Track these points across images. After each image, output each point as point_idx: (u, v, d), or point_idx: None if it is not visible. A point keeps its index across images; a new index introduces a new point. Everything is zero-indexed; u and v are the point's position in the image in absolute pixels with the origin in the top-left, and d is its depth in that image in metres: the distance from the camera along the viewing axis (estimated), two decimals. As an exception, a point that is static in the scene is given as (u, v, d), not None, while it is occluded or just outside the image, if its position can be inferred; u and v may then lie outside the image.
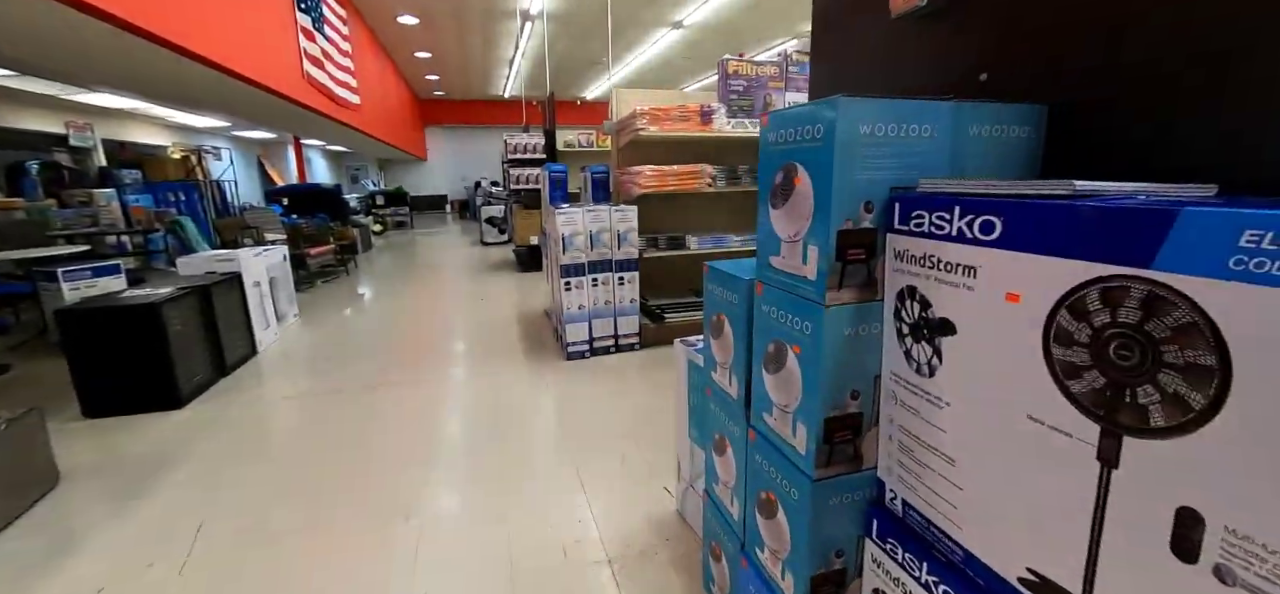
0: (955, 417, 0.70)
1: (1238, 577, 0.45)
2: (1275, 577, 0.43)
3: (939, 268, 0.70)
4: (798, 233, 0.84)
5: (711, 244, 3.70)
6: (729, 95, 3.47)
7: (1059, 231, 0.55)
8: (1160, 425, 0.49)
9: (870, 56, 1.24)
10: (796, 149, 0.82)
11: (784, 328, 0.89)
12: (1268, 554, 0.43)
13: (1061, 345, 0.56)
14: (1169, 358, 0.48)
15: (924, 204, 0.72)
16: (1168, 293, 0.47)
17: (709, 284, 1.17)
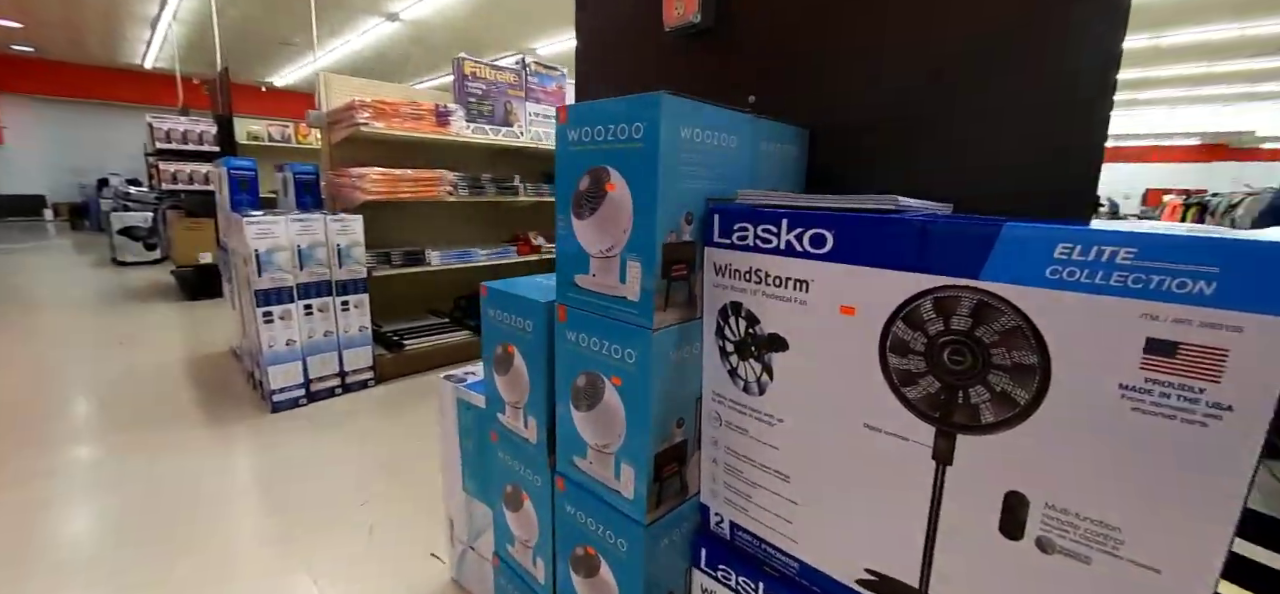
0: (789, 432, 0.67)
1: (1057, 545, 0.49)
2: (1087, 539, 0.48)
3: (767, 282, 0.66)
4: (612, 247, 0.71)
5: (456, 259, 3.34)
6: (467, 98, 3.18)
7: (892, 246, 0.55)
8: (990, 421, 0.51)
9: (642, 68, 1.20)
10: (610, 151, 0.69)
11: (599, 357, 0.75)
12: (1080, 521, 0.48)
13: (898, 354, 0.56)
14: (997, 359, 0.50)
15: (747, 217, 0.66)
16: (995, 300, 0.49)
17: (490, 309, 0.95)
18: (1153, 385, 0.43)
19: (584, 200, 0.73)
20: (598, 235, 0.72)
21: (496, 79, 3.41)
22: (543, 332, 0.84)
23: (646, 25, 1.15)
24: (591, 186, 0.72)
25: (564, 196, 0.76)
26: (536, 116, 3.85)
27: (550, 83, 3.92)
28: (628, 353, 0.71)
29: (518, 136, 3.67)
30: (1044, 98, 0.71)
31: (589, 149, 0.71)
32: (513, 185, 3.67)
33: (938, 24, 0.79)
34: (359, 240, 2.81)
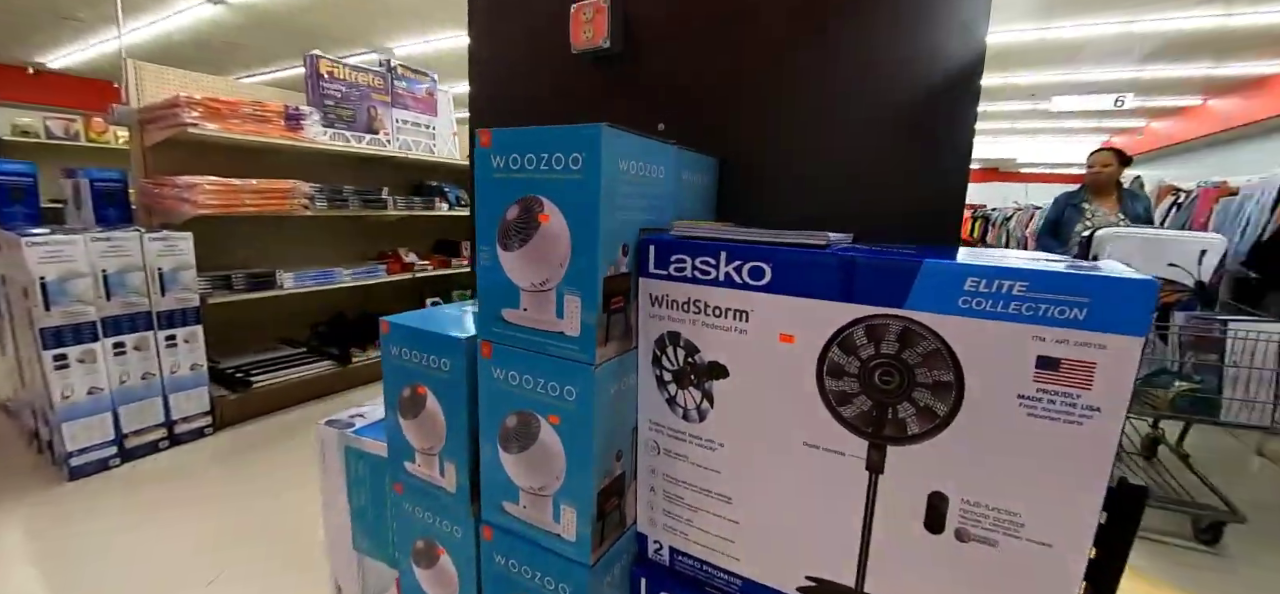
0: (730, 456, 0.69)
1: (971, 534, 0.56)
2: (995, 526, 0.55)
3: (706, 313, 0.67)
4: (547, 281, 0.67)
5: (315, 280, 2.95)
6: (323, 100, 2.83)
7: (827, 278, 0.59)
8: (915, 433, 0.57)
9: (544, 90, 1.15)
10: (545, 181, 0.65)
11: (532, 396, 0.70)
12: (989, 511, 0.55)
13: (833, 377, 0.60)
14: (920, 378, 0.56)
15: (685, 249, 0.67)
16: (918, 326, 0.55)
17: (393, 347, 0.84)
18: (1042, 394, 0.51)
19: (513, 231, 0.68)
20: (530, 268, 0.68)
21: (358, 81, 3.09)
22: (463, 371, 0.76)
23: (550, 46, 1.11)
24: (521, 217, 0.67)
25: (488, 226, 0.70)
26: (405, 124, 3.56)
27: (419, 88, 3.66)
28: (567, 390, 0.67)
29: (385, 145, 3.36)
30: (922, 143, 0.82)
31: (517, 177, 0.67)
32: (380, 198, 3.35)
33: (831, 70, 0.87)
34: (189, 262, 2.36)
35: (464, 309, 0.94)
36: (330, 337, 3.43)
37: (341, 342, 3.35)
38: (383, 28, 6.85)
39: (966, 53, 0.78)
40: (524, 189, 0.66)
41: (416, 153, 3.70)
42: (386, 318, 0.85)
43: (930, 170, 0.82)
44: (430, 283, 4.15)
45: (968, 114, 0.79)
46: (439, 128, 4.02)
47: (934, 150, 0.81)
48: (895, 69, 0.82)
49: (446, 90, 4.31)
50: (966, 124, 0.79)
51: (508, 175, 0.67)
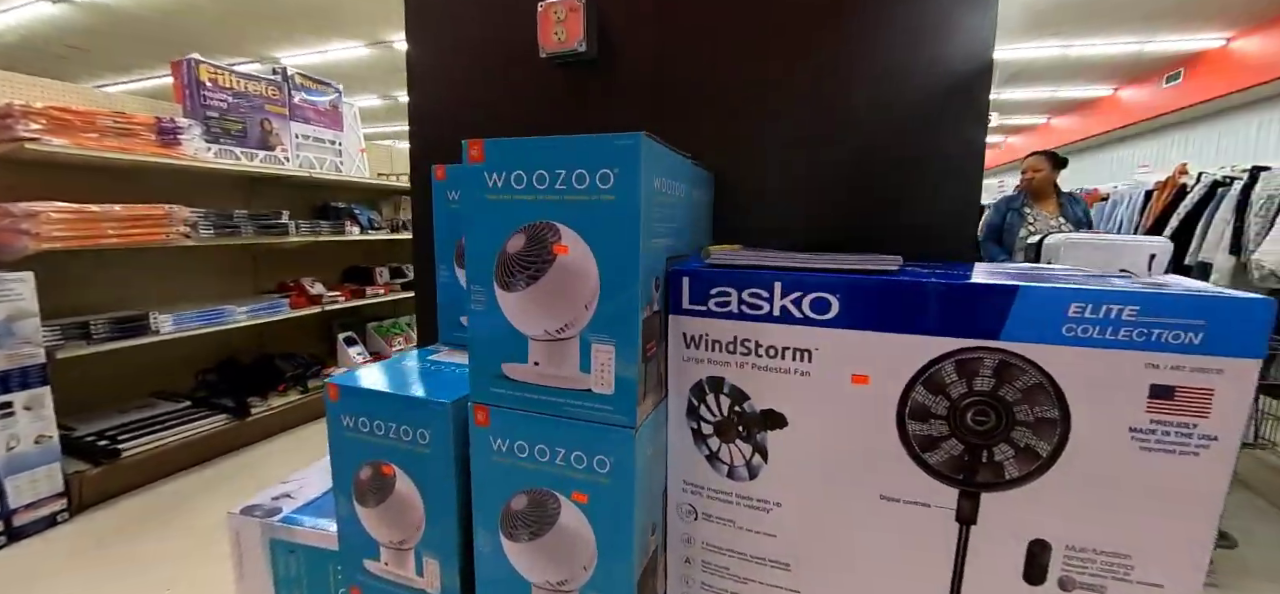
0: (789, 516, 0.58)
1: (1076, 582, 0.50)
2: (1102, 571, 0.49)
3: (758, 353, 0.56)
4: (566, 327, 0.53)
5: (200, 320, 2.50)
6: (206, 111, 2.42)
7: (908, 310, 0.50)
8: (1014, 476, 0.50)
9: (505, 98, 1.00)
10: (561, 204, 0.51)
11: (550, 471, 0.56)
12: (1097, 555, 0.49)
13: (918, 420, 0.52)
14: (1020, 416, 0.49)
15: (729, 280, 0.56)
16: (1017, 359, 0.48)
17: (345, 416, 0.65)
18: (1156, 426, 0.46)
19: (517, 267, 0.53)
20: (543, 312, 0.53)
21: (248, 90, 2.68)
22: (448, 443, 0.60)
23: (509, 50, 0.97)
24: (530, 249, 0.53)
25: (481, 262, 0.55)
26: (306, 139, 3.17)
27: (322, 100, 3.28)
28: (598, 460, 0.53)
29: (283, 163, 2.96)
30: (935, 153, 0.78)
31: (523, 200, 0.52)
32: (279, 222, 2.94)
33: (833, 77, 0.81)
34: (28, 309, 1.89)
35: (431, 360, 0.76)
36: (222, 386, 2.92)
37: (236, 391, 2.86)
38: (268, 35, 6.13)
39: (975, 58, 0.75)
40: (532, 214, 0.52)
41: (321, 171, 3.30)
42: (334, 380, 0.66)
43: (943, 181, 0.78)
44: (341, 316, 3.71)
45: (979, 119, 0.75)
46: (346, 144, 3.62)
47: (946, 159, 0.77)
48: (905, 72, 0.78)
49: (352, 103, 3.91)
50: (978, 130, 0.75)
51: (510, 197, 0.53)
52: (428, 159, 0.98)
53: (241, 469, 2.56)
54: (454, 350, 0.81)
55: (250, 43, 6.27)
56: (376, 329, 3.82)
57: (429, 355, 0.78)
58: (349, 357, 3.46)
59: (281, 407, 2.94)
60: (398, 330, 3.94)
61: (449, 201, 0.82)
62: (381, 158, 4.60)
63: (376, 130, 10.24)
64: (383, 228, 3.87)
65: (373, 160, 4.33)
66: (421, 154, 1.06)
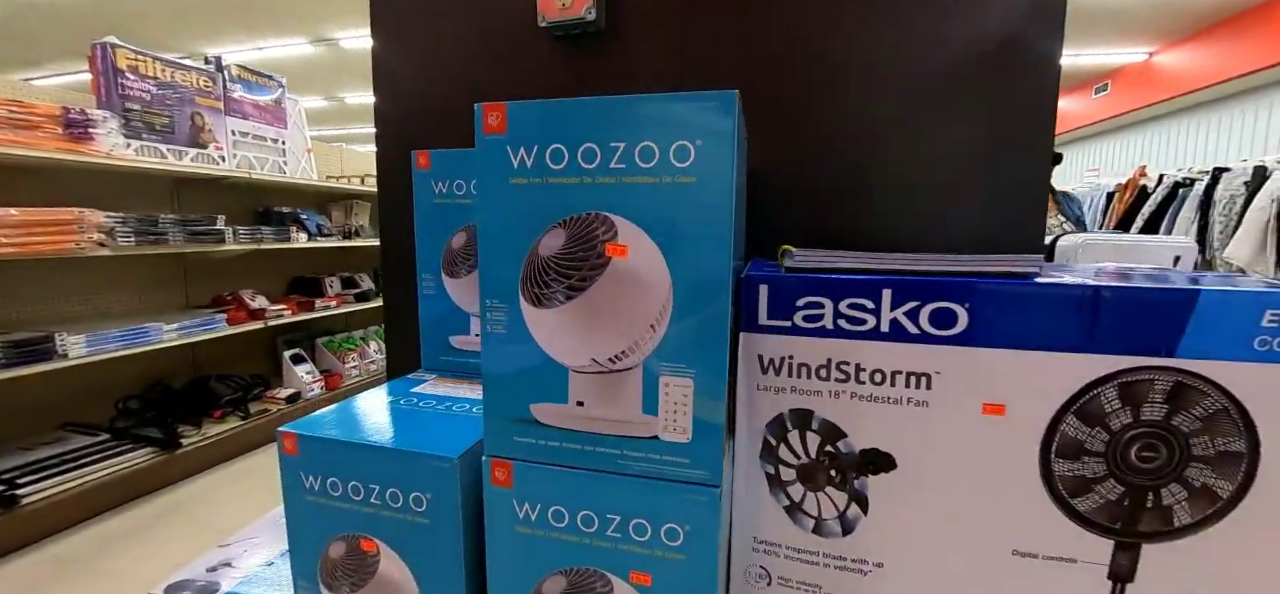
0: (892, 582, 0.47)
1: (1250, 655, 0.41)
2: (1285, 643, 0.40)
3: (859, 379, 0.44)
4: (624, 353, 0.39)
5: (120, 341, 2.19)
6: (125, 103, 2.11)
7: (1056, 322, 0.40)
8: (1185, 523, 0.40)
9: (492, 74, 0.85)
10: (615, 189, 0.38)
11: (601, 546, 0.42)
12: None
13: (1067, 459, 0.41)
14: (1197, 450, 0.39)
15: (821, 288, 0.44)
16: (1195, 381, 0.38)
17: (307, 474, 0.49)
18: (1368, 459, 0.37)
19: (554, 275, 0.40)
20: (590, 335, 0.40)
21: (176, 80, 2.38)
22: (454, 509, 0.45)
23: (499, 18, 0.82)
24: (571, 250, 0.39)
25: (500, 268, 0.41)
26: (245, 137, 2.86)
27: (264, 95, 2.98)
28: (669, 530, 0.40)
29: (218, 162, 2.66)
30: (996, 133, 0.69)
31: (564, 185, 0.39)
32: (214, 228, 2.63)
33: (880, 50, 0.71)
34: (-109, 336, 1.57)
35: (415, 394, 0.61)
36: (148, 414, 2.57)
37: (164, 420, 2.52)
38: (195, 29, 5.59)
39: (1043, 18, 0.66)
40: (575, 203, 0.39)
41: (262, 172, 2.99)
42: (289, 428, 0.49)
43: (1006, 164, 0.69)
44: (287, 331, 3.38)
45: (1048, 88, 0.66)
46: (291, 144, 3.31)
47: (1011, 137, 0.68)
48: (962, 43, 0.68)
49: (297, 100, 3.59)
50: (1047, 100, 0.67)
51: (544, 180, 0.39)
52: (402, 146, 0.82)
53: (173, 509, 2.24)
54: (444, 380, 0.66)
55: (176, 38, 5.72)
56: (328, 344, 3.50)
57: (412, 388, 0.62)
58: (296, 376, 3.15)
59: (218, 435, 2.62)
60: (351, 345, 3.63)
61: (435, 196, 0.67)
62: (330, 158, 4.27)
63: (322, 133, 9.64)
64: (333, 234, 3.57)
65: (321, 161, 4.00)
66: (392, 142, 0.89)
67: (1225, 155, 3.54)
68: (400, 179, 0.88)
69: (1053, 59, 0.66)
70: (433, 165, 0.67)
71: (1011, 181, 0.69)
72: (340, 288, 3.64)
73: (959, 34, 0.68)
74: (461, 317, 0.68)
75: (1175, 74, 4.32)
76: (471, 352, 0.68)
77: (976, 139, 0.69)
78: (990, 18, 0.68)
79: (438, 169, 0.66)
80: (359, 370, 3.56)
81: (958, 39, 0.69)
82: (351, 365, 3.50)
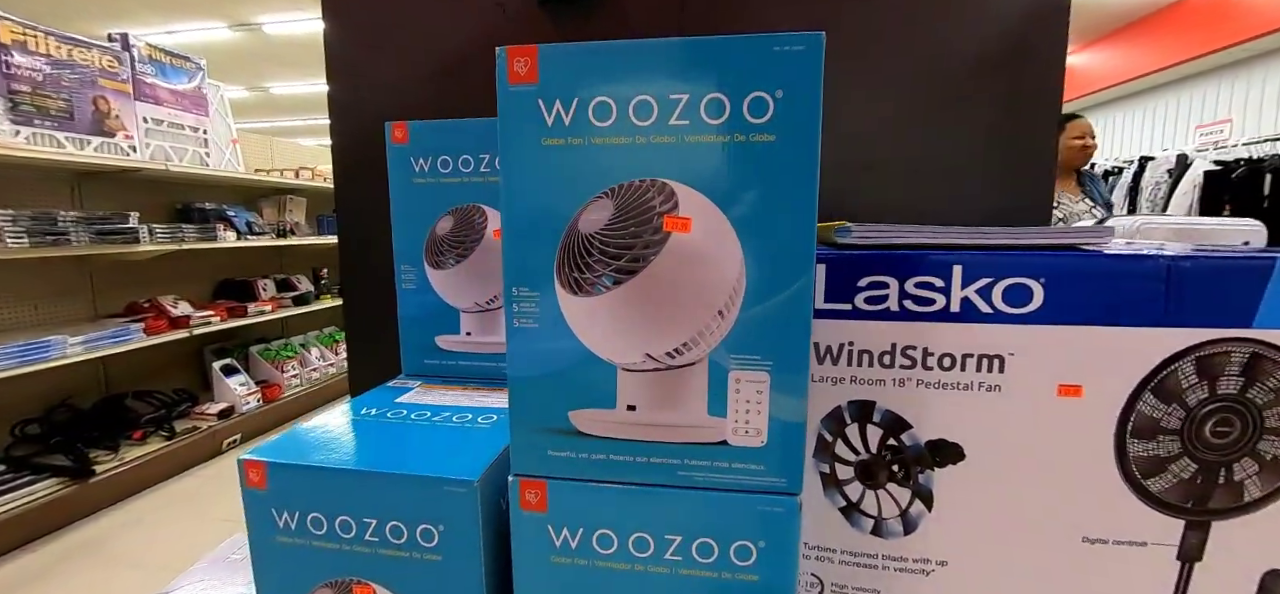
0: (955, 579, 0.43)
1: (1309, 622, 0.40)
2: (1345, 612, 0.39)
3: (927, 365, 0.40)
4: (683, 347, 0.33)
5: (16, 358, 1.89)
6: (11, 84, 1.81)
7: (1134, 296, 0.37)
8: (1255, 497, 0.39)
9: (461, 41, 0.75)
10: (676, 151, 0.31)
11: (657, 572, 0.35)
12: (1337, 590, 0.39)
13: (1142, 438, 0.39)
14: (1271, 422, 0.38)
15: (886, 266, 0.39)
16: (1272, 352, 0.37)
17: (279, 510, 0.39)
18: None
19: (600, 255, 0.33)
20: (647, 324, 0.33)
21: (74, 59, 2.08)
22: (474, 541, 0.37)
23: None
24: (621, 225, 0.32)
25: (527, 248, 0.33)
26: (159, 125, 2.56)
27: (180, 79, 2.67)
28: (740, 548, 0.34)
29: (128, 153, 2.36)
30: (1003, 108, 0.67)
31: (610, 146, 0.32)
32: (126, 227, 2.34)
33: (885, 26, 0.68)
34: None
35: (402, 406, 0.51)
36: (51, 440, 2.23)
37: (72, 445, 2.20)
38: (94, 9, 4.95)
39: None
40: (624, 168, 0.32)
41: (182, 165, 2.67)
42: (253, 455, 0.40)
43: (1013, 139, 0.67)
44: (215, 340, 3.05)
45: (1056, 61, 0.65)
46: (213, 134, 2.98)
47: (1018, 108, 0.66)
48: (967, 20, 0.66)
49: (218, 86, 3.24)
50: (1054, 71, 0.66)
51: (584, 141, 0.32)
52: (362, 126, 0.71)
53: (87, 548, 1.96)
54: (432, 387, 0.57)
55: (71, 16, 5.05)
56: (263, 353, 3.20)
57: (397, 398, 0.53)
58: (228, 388, 2.85)
59: (140, 459, 2.33)
60: (290, 353, 3.34)
61: (414, 175, 0.58)
62: (259, 151, 3.90)
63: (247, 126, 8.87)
64: (266, 232, 3.26)
65: (249, 153, 3.64)
66: (351, 120, 0.78)
67: (1151, 145, 3.87)
68: (362, 158, 0.77)
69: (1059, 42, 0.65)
70: (411, 139, 0.57)
71: (1017, 159, 0.68)
72: (275, 291, 3.33)
73: (964, 13, 0.66)
74: (449, 314, 0.60)
75: (1099, 71, 4.68)
76: (463, 353, 0.60)
77: (980, 117, 0.67)
78: None
79: (418, 143, 0.57)
80: (300, 380, 3.28)
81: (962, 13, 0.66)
82: (292, 375, 3.21)
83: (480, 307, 0.59)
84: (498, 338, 0.59)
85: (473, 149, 0.55)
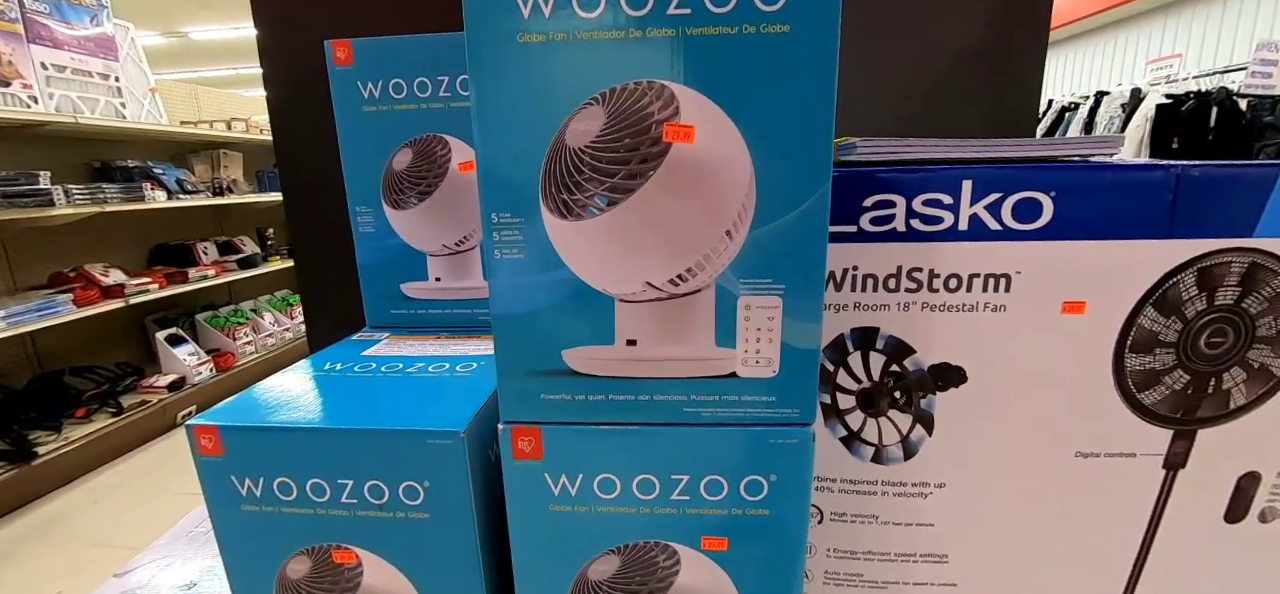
0: (950, 500, 0.43)
1: (1277, 512, 0.42)
2: (1306, 502, 0.41)
3: (932, 287, 0.38)
4: (688, 272, 0.30)
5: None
6: None
7: (1140, 207, 0.36)
8: (1240, 405, 0.39)
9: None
10: (675, 45, 0.27)
11: (664, 513, 0.33)
12: (1303, 485, 0.41)
13: (1140, 353, 0.38)
14: (1262, 330, 0.38)
15: (892, 183, 0.37)
16: (1270, 261, 0.36)
17: (240, 479, 0.35)
18: (1403, 321, 0.38)
19: (590, 171, 0.29)
20: (646, 249, 0.30)
21: (-54, -3, 1.80)
22: (464, 494, 0.34)
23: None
24: (614, 135, 0.28)
25: (505, 168, 0.29)
26: (62, 72, 2.28)
27: (81, 17, 2.37)
28: (750, 483, 0.32)
29: (28, 105, 2.11)
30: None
31: (591, 39, 0.27)
32: (37, 189, 2.11)
33: None
34: None
35: (366, 359, 0.47)
36: (-28, 420, 2.06)
37: (9, 428, 2.03)
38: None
39: None
40: (616, 68, 0.28)
41: (94, 117, 2.39)
42: (203, 420, 0.35)
43: (1000, 91, 0.66)
44: (156, 308, 2.84)
45: None
46: (128, 82, 2.68)
47: (1006, 53, 0.65)
48: None
49: (128, 28, 2.89)
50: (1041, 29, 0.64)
51: (568, 37, 0.27)
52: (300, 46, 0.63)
53: (36, 532, 1.84)
54: (401, 337, 0.52)
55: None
56: (211, 320, 3.01)
57: (363, 352, 0.49)
58: (176, 359, 2.68)
59: (86, 437, 2.18)
60: (241, 318, 3.15)
61: (364, 102, 0.51)
62: (183, 101, 3.54)
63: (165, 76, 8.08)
64: (200, 191, 3.00)
65: (172, 105, 3.30)
66: (283, 34, 0.69)
67: (1108, 80, 3.95)
68: (301, 87, 0.69)
69: None
70: (357, 60, 0.50)
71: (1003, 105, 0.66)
72: (217, 254, 3.11)
73: None
74: (414, 258, 0.54)
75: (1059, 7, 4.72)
76: (432, 300, 0.55)
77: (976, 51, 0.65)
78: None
79: (365, 65, 0.50)
80: (255, 347, 3.12)
81: None
82: (245, 342, 3.05)
83: (449, 249, 0.54)
84: (471, 282, 0.55)
85: (429, 70, 0.49)
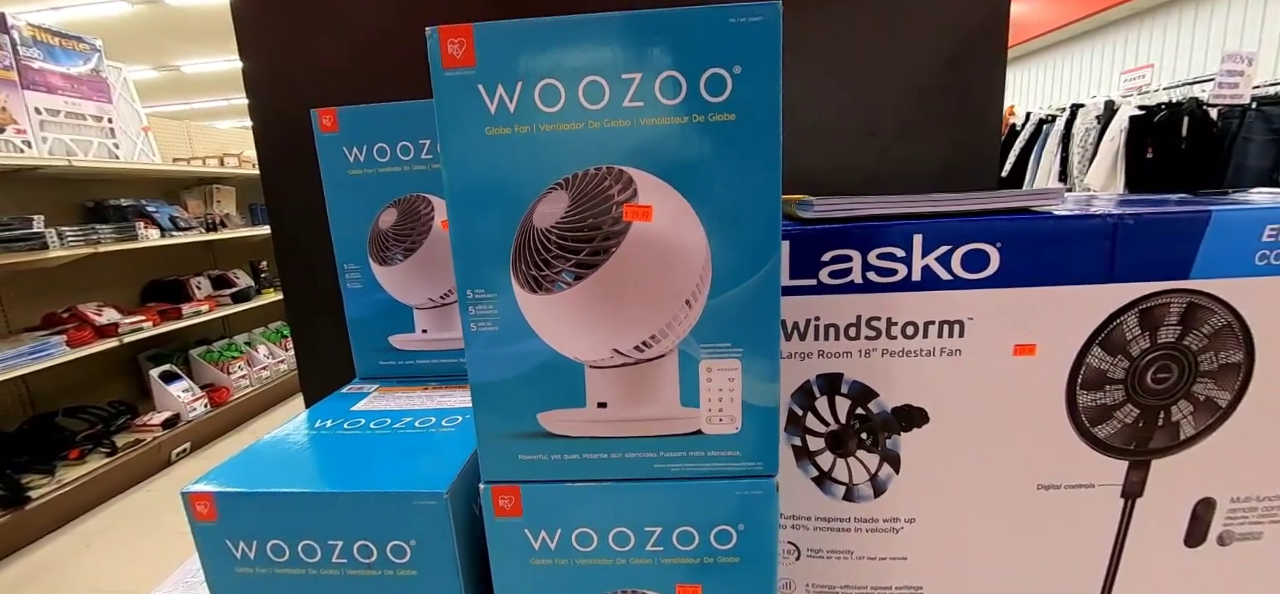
0: (922, 533, 0.45)
1: (1235, 534, 0.44)
2: (1262, 517, 0.44)
3: (891, 334, 0.40)
4: (651, 339, 0.32)
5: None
6: None
7: (1081, 255, 0.38)
8: (1189, 435, 0.42)
9: (409, 12, 0.70)
10: (629, 135, 0.29)
11: (640, 564, 0.35)
12: (1259, 502, 0.43)
13: (1090, 389, 0.41)
14: (1204, 365, 0.40)
15: (848, 239, 0.39)
16: (1206, 300, 0.39)
17: (234, 542, 0.37)
18: (1337, 351, 0.40)
19: (557, 249, 0.31)
20: (612, 319, 0.32)
21: (-59, 48, 1.83)
22: (449, 552, 0.36)
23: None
24: (578, 216, 0.31)
25: (478, 245, 0.31)
26: (55, 115, 2.32)
27: (76, 62, 2.42)
28: (719, 533, 0.34)
29: (22, 149, 2.14)
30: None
31: (555, 131, 0.30)
32: (30, 232, 2.13)
33: None
34: None
35: (354, 414, 0.49)
36: (-37, 468, 2.05)
37: (1, 472, 2.04)
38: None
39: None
40: (578, 155, 0.30)
41: (88, 159, 2.42)
42: (199, 486, 0.37)
43: (963, 108, 0.69)
44: (150, 346, 2.85)
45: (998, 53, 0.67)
46: (121, 122, 2.72)
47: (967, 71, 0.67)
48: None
49: (120, 68, 2.93)
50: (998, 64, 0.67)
51: (533, 129, 0.30)
52: (285, 112, 0.65)
53: (29, 580, 1.83)
54: (389, 389, 0.54)
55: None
56: (205, 355, 3.02)
57: (353, 406, 0.51)
58: (171, 396, 2.68)
59: (80, 479, 2.18)
60: (235, 352, 3.16)
61: (349, 166, 0.54)
62: (175, 138, 3.58)
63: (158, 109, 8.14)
64: (193, 227, 3.02)
65: (164, 142, 3.34)
66: (271, 109, 0.72)
67: (1082, 92, 4.01)
68: (289, 151, 0.71)
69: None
70: (341, 127, 0.53)
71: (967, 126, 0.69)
72: (211, 289, 3.13)
73: None
74: (401, 311, 0.57)
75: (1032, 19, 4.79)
76: (419, 351, 0.57)
77: (938, 87, 0.68)
78: None
79: (349, 131, 0.53)
80: (250, 380, 3.12)
81: None
82: (239, 376, 3.05)
83: (435, 302, 0.56)
84: (456, 333, 0.57)
85: (411, 135, 0.52)
